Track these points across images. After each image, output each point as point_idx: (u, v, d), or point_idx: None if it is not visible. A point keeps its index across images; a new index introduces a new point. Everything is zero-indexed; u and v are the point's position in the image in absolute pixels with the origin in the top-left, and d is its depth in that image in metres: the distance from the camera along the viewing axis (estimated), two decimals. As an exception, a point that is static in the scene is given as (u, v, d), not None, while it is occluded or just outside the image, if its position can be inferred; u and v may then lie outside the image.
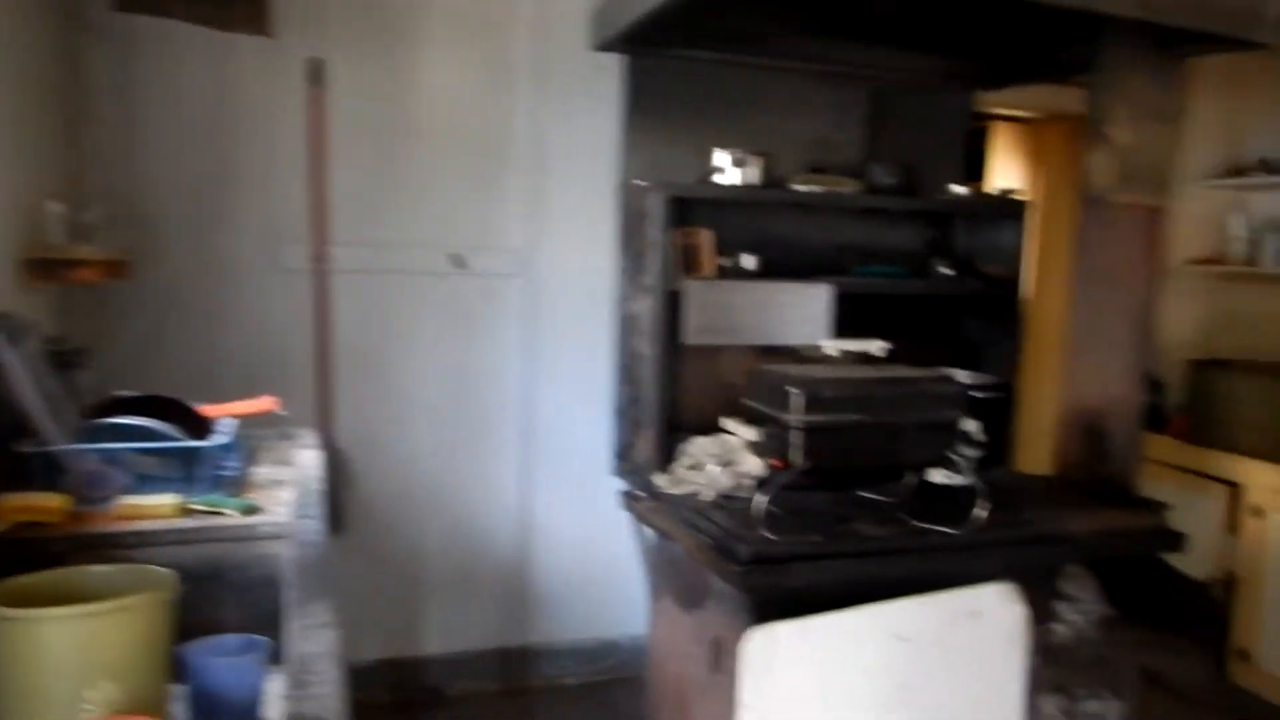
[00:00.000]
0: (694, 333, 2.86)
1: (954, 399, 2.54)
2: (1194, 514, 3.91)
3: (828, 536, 2.45)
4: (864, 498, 2.78)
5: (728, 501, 2.69)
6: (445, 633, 3.86)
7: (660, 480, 2.84)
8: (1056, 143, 4.57)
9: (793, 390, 2.41)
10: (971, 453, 2.67)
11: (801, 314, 2.98)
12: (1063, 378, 3.07)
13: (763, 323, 2.95)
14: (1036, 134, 4.86)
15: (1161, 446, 4.15)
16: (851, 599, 2.43)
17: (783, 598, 2.38)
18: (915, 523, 2.55)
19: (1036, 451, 3.75)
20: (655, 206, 2.84)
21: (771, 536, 2.39)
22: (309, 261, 3.50)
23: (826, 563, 2.38)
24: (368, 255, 3.60)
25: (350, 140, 3.52)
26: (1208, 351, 4.36)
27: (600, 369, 3.47)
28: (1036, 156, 4.69)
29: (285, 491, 2.10)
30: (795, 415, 2.40)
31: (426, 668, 3.86)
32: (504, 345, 3.79)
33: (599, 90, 3.50)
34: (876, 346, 2.58)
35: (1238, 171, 4.33)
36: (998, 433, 3.19)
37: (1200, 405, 4.12)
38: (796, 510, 2.65)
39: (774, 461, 2.45)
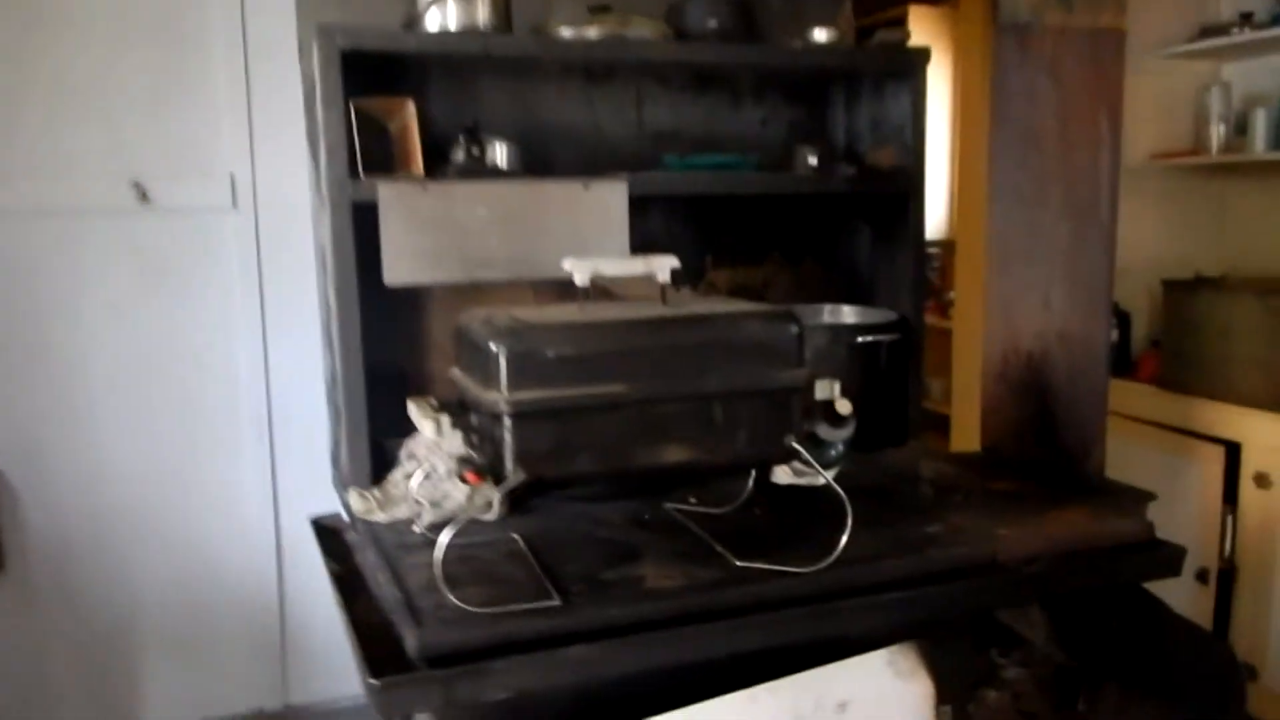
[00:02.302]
0: (397, 266, 1.80)
1: (795, 350, 1.50)
2: (1174, 484, 2.95)
3: (578, 596, 1.42)
4: (677, 513, 1.75)
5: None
6: (175, 698, 2.82)
7: (357, 502, 1.79)
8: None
9: (492, 350, 1.36)
10: (835, 434, 1.64)
11: (583, 229, 1.93)
12: (986, 306, 2.05)
13: (523, 249, 1.90)
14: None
15: (1127, 395, 3.15)
16: (624, 706, 1.40)
17: (497, 716, 1.36)
18: (739, 561, 1.52)
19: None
20: (323, 67, 1.77)
21: (462, 606, 1.35)
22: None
23: (567, 651, 1.34)
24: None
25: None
26: (1186, 268, 3.34)
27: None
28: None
29: None
30: (496, 394, 1.35)
31: (150, 746, 2.82)
32: (223, 308, 2.72)
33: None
34: (661, 266, 1.53)
35: (1212, 32, 3.30)
36: (897, 393, 2.19)
37: (1179, 339, 3.11)
38: (560, 540, 1.63)
39: (469, 475, 1.41)
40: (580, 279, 1.49)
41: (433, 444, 1.83)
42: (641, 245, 2.27)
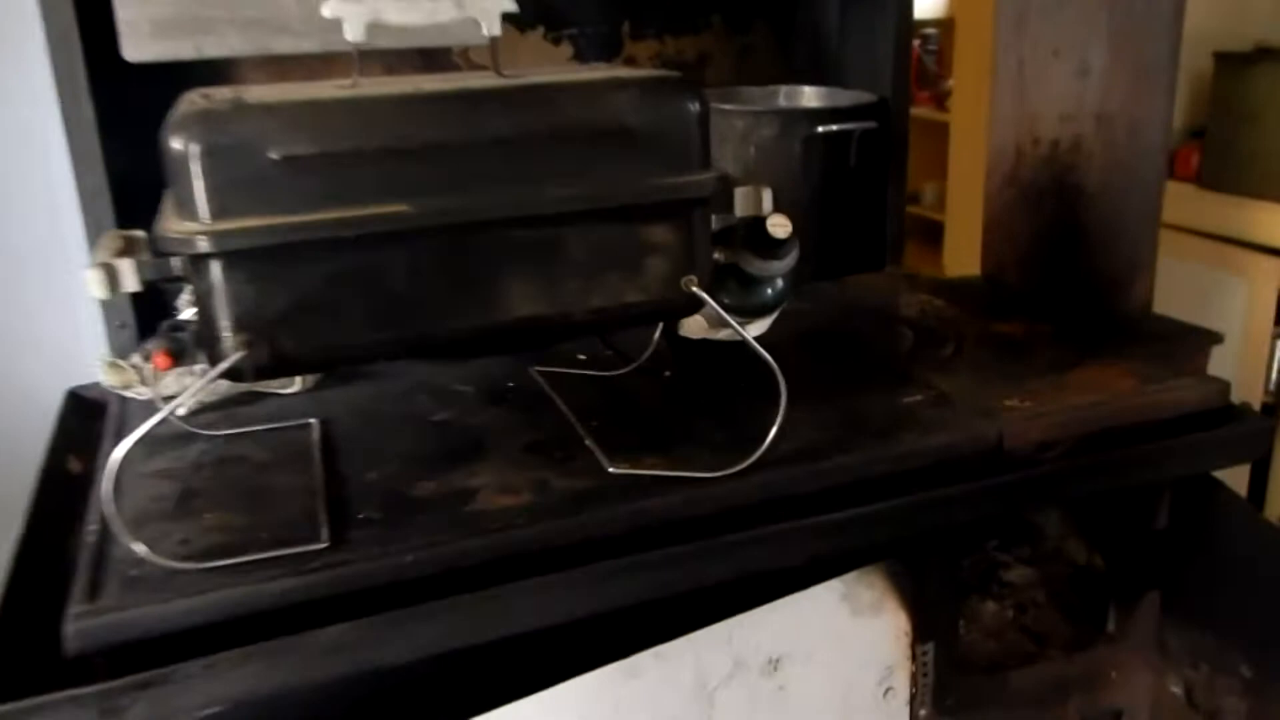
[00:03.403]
0: (139, 33, 1.23)
1: (696, 141, 0.95)
2: (1213, 302, 2.46)
3: (365, 529, 0.93)
4: (545, 379, 1.24)
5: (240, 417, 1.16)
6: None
7: (110, 373, 1.28)
8: None
9: (176, 149, 0.82)
10: (768, 267, 1.10)
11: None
12: (994, 78, 1.49)
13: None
14: None
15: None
16: (430, 701, 0.93)
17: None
18: (613, 467, 1.02)
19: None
20: None
21: (160, 562, 0.86)
22: None
23: (314, 635, 0.85)
24: None
25: None
26: (1244, 39, 2.72)
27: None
28: None
29: None
30: (193, 222, 0.82)
31: None
32: (22, 103, 2.14)
33: None
34: (485, 9, 0.96)
35: None
36: (873, 202, 1.65)
37: (1231, 126, 2.54)
38: (379, 426, 1.14)
39: (157, 356, 0.89)
40: (352, 32, 0.93)
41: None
42: (537, 10, 1.70)
